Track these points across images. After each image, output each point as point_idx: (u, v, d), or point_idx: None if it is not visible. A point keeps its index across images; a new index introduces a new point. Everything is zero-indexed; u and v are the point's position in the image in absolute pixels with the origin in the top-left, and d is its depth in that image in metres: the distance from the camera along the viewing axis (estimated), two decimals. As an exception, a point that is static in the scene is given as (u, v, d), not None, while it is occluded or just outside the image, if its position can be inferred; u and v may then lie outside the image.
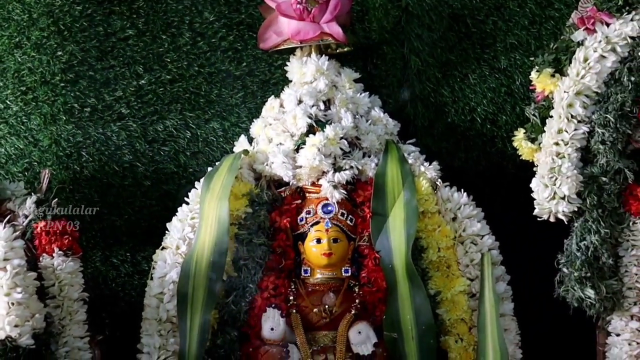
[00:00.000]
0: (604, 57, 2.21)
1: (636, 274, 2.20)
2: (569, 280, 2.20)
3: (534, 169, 2.29)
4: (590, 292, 2.17)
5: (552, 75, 2.26)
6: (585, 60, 2.22)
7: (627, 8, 2.22)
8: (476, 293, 2.24)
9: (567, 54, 2.27)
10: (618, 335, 2.20)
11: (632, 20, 2.20)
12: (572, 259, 2.20)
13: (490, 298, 2.18)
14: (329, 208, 2.28)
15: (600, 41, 2.21)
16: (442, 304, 2.25)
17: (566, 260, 2.22)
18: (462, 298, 2.24)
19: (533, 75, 2.31)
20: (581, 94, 2.21)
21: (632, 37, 2.20)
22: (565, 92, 2.22)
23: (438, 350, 2.22)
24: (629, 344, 2.18)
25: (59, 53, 2.59)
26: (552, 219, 2.24)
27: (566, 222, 2.23)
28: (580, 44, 2.25)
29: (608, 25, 2.23)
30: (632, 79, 2.19)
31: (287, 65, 2.43)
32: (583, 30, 2.25)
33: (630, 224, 2.22)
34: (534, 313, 2.30)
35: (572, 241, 2.21)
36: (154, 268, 2.27)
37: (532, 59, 2.38)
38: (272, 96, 2.43)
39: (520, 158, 2.35)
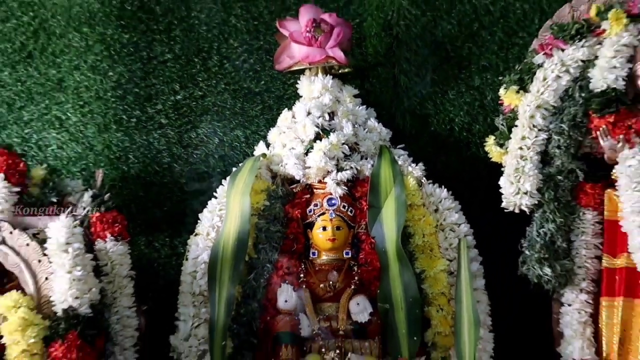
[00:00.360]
0: (559, 76, 2.24)
1: (585, 255, 2.22)
2: (530, 261, 2.23)
3: (502, 169, 2.31)
4: (547, 271, 2.20)
5: (517, 92, 2.29)
6: (544, 79, 2.25)
7: (579, 36, 2.25)
8: (454, 271, 2.24)
9: (529, 74, 2.30)
10: (570, 305, 2.23)
11: (582, 46, 2.24)
12: (532, 243, 2.23)
13: (465, 275, 2.18)
14: (333, 201, 2.30)
15: (556, 64, 2.25)
16: (426, 280, 2.25)
17: (528, 244, 2.24)
18: (442, 275, 2.25)
19: (501, 91, 2.34)
20: (541, 107, 2.24)
21: (582, 61, 2.24)
22: (527, 105, 2.25)
23: (422, 318, 2.23)
24: (579, 313, 2.21)
25: (110, 73, 2.63)
26: (516, 210, 2.26)
27: (528, 213, 2.26)
28: (540, 66, 2.28)
29: (563, 50, 2.26)
30: (583, 95, 2.23)
31: (298, 83, 2.44)
32: (542, 54, 2.29)
33: (581, 214, 2.24)
34: (502, 288, 2.30)
35: (533, 228, 2.24)
36: (188, 251, 2.30)
37: (500, 78, 2.41)
38: (286, 109, 2.45)
39: (491, 160, 2.37)
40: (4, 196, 2.22)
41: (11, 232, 2.14)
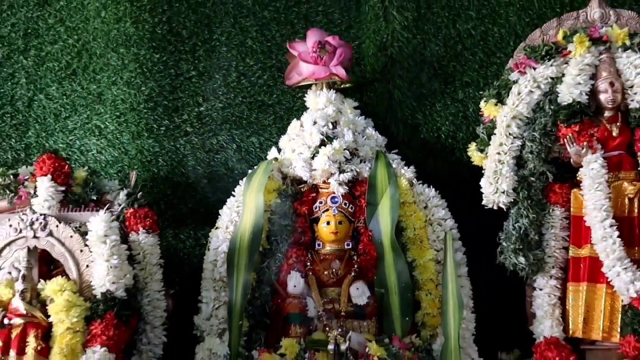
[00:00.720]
0: (532, 91, 2.29)
1: (554, 246, 2.26)
2: (506, 251, 2.25)
3: (482, 171, 2.34)
4: (522, 260, 2.23)
5: (495, 105, 2.33)
6: (519, 93, 2.29)
7: (548, 57, 2.30)
8: (441, 260, 2.27)
9: (505, 89, 2.34)
10: (541, 289, 2.26)
11: (551, 65, 2.29)
12: (509, 235, 2.26)
13: (450, 264, 2.22)
14: (336, 199, 2.32)
15: (529, 80, 2.29)
16: (417, 268, 2.27)
17: (505, 236, 2.27)
18: (431, 264, 2.27)
19: (482, 104, 2.38)
20: (516, 118, 2.28)
21: (551, 78, 2.29)
22: (504, 116, 2.29)
23: (413, 301, 2.24)
24: (549, 296, 2.24)
25: (143, 88, 2.66)
26: (495, 207, 2.30)
27: (505, 210, 2.30)
28: (515, 82, 2.32)
29: (535, 69, 2.30)
30: (552, 107, 2.27)
31: (305, 97, 2.47)
32: (517, 72, 2.33)
33: (550, 210, 2.27)
34: (483, 275, 2.32)
35: (509, 223, 2.27)
36: (210, 242, 2.32)
37: (481, 92, 2.44)
38: (295, 119, 2.47)
39: (473, 163, 2.39)
40: (51, 194, 2.27)
41: (57, 226, 2.18)
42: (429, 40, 2.62)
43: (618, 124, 2.27)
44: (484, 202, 2.30)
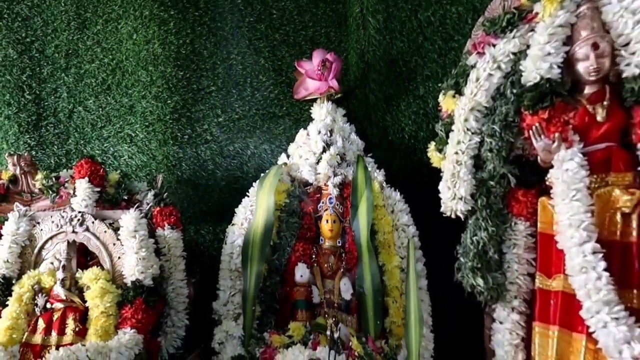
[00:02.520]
0: (491, 74, 1.69)
1: (517, 270, 1.64)
2: (464, 269, 1.73)
3: (441, 174, 1.88)
4: (480, 281, 1.68)
5: (453, 96, 1.78)
6: (477, 79, 1.71)
7: (510, 27, 1.68)
8: (404, 268, 2.09)
9: (464, 76, 1.78)
10: (501, 323, 1.66)
11: (514, 37, 1.67)
12: (467, 250, 1.72)
13: (412, 275, 1.94)
14: (332, 200, 2.27)
15: (488, 61, 1.69)
16: (386, 273, 2.13)
17: (462, 251, 1.74)
18: (396, 271, 2.10)
19: (440, 97, 1.85)
20: (474, 110, 1.72)
21: (513, 53, 1.67)
22: (462, 109, 1.73)
23: (384, 306, 2.07)
24: (510, 333, 1.63)
25: (169, 101, 2.64)
26: (453, 216, 1.78)
27: (463, 219, 1.77)
28: (473, 66, 1.74)
29: (494, 45, 1.69)
30: (514, 91, 1.64)
31: (311, 109, 2.43)
32: (475, 54, 1.74)
33: (513, 224, 1.67)
34: (445, 286, 1.89)
35: (467, 235, 1.72)
36: (227, 237, 2.29)
37: (439, 85, 1.94)
38: (302, 129, 2.43)
39: (433, 165, 1.96)
40: (88, 194, 2.26)
41: (93, 222, 2.16)
42: (395, 38, 2.40)
43: (605, 102, 1.48)
44: (442, 209, 1.80)
